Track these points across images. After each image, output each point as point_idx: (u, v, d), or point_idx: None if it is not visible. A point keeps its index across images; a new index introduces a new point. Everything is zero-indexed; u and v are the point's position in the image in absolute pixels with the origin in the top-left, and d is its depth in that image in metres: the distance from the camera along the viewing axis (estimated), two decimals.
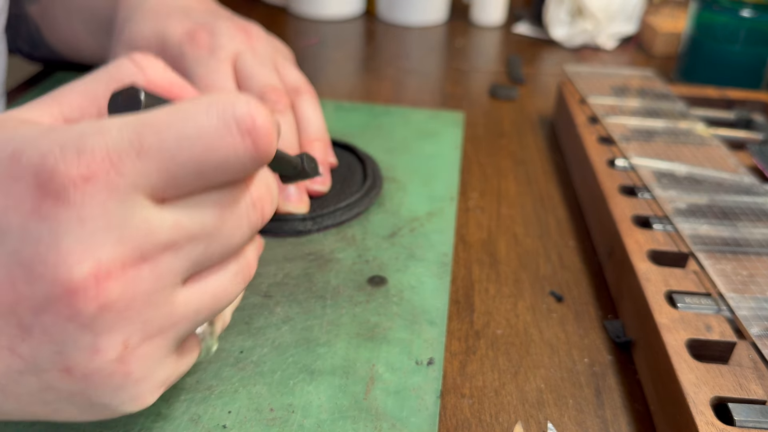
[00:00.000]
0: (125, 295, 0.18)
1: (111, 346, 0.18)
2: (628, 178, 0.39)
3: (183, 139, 0.18)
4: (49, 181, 0.17)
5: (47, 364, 0.18)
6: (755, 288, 0.30)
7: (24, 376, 0.19)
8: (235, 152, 0.18)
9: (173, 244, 0.19)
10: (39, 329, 0.18)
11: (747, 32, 0.58)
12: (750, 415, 0.24)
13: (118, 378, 0.19)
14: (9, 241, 0.17)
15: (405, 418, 0.26)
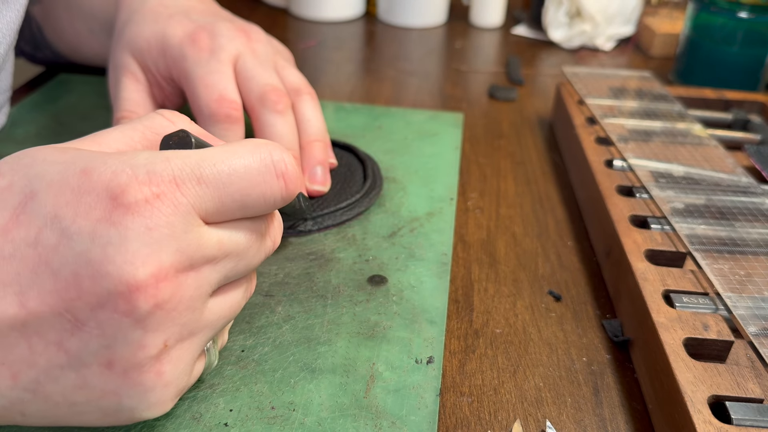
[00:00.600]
0: (174, 297, 0.20)
1: (154, 343, 0.20)
2: (626, 179, 0.39)
3: (233, 174, 0.21)
4: (121, 194, 0.19)
5: (91, 359, 0.20)
6: (752, 287, 0.30)
7: (64, 372, 0.20)
8: (271, 190, 0.22)
9: (214, 258, 0.22)
10: (93, 323, 0.19)
11: (744, 33, 0.58)
12: (747, 414, 0.24)
13: (151, 377, 0.21)
14: (78, 243, 0.19)
15: (405, 416, 0.26)
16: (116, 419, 0.22)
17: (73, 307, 0.19)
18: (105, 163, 0.20)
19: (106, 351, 0.20)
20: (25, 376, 0.20)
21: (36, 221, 0.20)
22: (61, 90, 0.52)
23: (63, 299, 0.19)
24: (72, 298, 0.19)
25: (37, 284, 0.19)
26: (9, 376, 0.20)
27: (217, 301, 0.23)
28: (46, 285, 0.19)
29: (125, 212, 0.19)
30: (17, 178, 0.20)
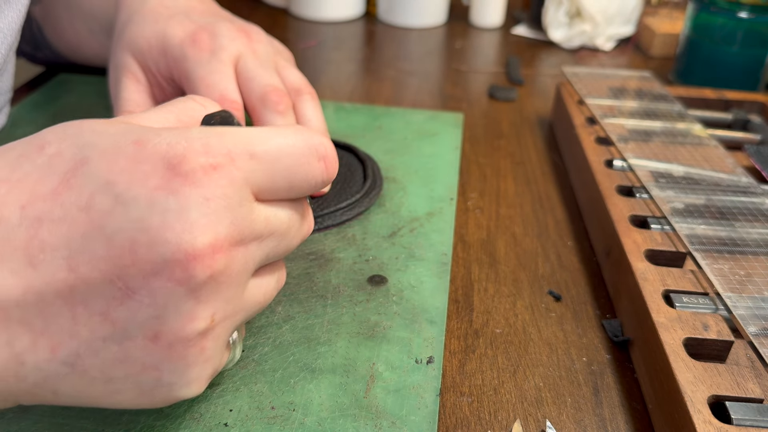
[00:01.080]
0: (226, 270, 0.20)
1: (203, 316, 0.20)
2: (626, 179, 0.39)
3: (282, 152, 0.22)
4: (179, 164, 0.19)
5: (137, 331, 0.19)
6: (752, 287, 0.30)
7: (106, 344, 0.19)
8: (313, 171, 0.23)
9: (260, 235, 0.22)
10: (145, 292, 0.19)
11: (744, 33, 0.58)
12: (747, 414, 0.24)
13: (195, 352, 0.20)
14: (134, 210, 0.19)
15: (405, 416, 0.26)
16: (151, 398, 0.21)
17: (126, 275, 0.19)
18: (159, 135, 0.20)
19: (155, 322, 0.19)
20: (65, 348, 0.19)
21: (88, 186, 0.19)
22: (61, 90, 0.52)
23: (116, 265, 0.19)
24: (126, 265, 0.19)
25: (89, 249, 0.19)
26: (48, 348, 0.19)
27: (255, 283, 0.23)
28: (99, 250, 0.19)
29: (183, 181, 0.19)
30: (65, 146, 0.20)
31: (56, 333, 0.19)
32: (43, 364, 0.19)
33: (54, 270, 0.19)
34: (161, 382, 0.21)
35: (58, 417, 0.25)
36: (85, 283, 0.19)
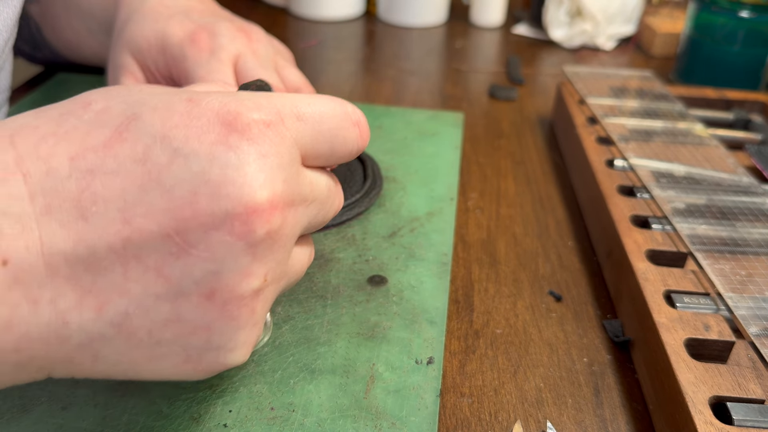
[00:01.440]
0: (281, 228, 0.20)
1: (258, 273, 0.20)
2: (627, 179, 0.39)
3: (324, 115, 0.22)
4: (234, 120, 0.19)
5: (192, 287, 0.19)
6: (753, 288, 0.30)
7: (158, 303, 0.19)
8: (351, 135, 0.23)
9: (305, 200, 0.22)
10: (204, 246, 0.18)
11: (745, 33, 0.58)
12: (748, 415, 0.24)
13: (246, 312, 0.20)
14: (194, 163, 0.19)
15: (405, 417, 0.26)
16: (195, 365, 0.20)
17: (186, 228, 0.18)
18: (209, 95, 0.20)
19: (212, 278, 0.19)
20: (113, 306, 0.18)
21: (143, 139, 0.19)
22: (60, 89, 0.52)
23: (176, 218, 0.18)
24: (186, 218, 0.18)
25: (146, 201, 0.18)
26: (94, 307, 0.18)
27: (295, 251, 0.23)
28: (157, 202, 0.18)
29: (240, 137, 0.19)
30: (114, 103, 0.20)
31: (105, 290, 0.18)
32: (88, 324, 0.18)
33: (107, 223, 0.18)
34: (210, 345, 0.20)
35: (57, 418, 0.25)
36: (140, 237, 0.18)
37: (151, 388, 0.26)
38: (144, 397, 0.26)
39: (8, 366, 0.18)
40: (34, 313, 0.17)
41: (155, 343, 0.19)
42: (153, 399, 0.26)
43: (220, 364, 0.21)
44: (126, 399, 0.26)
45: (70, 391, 0.26)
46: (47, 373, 0.19)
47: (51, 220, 0.18)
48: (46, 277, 0.17)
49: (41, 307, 0.18)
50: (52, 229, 0.18)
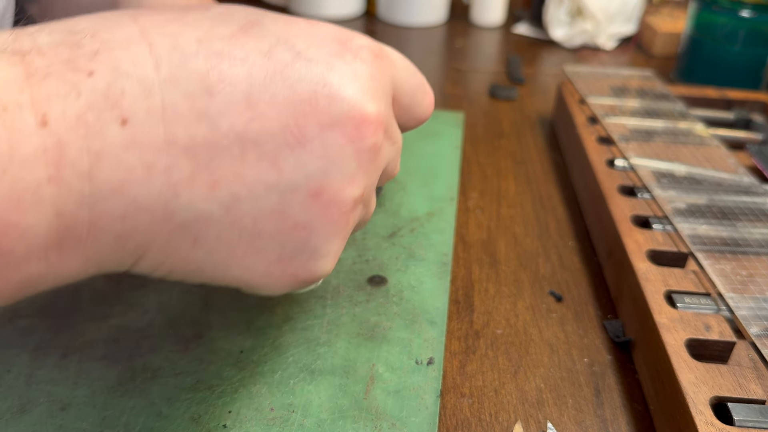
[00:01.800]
0: (381, 149, 0.21)
1: (359, 183, 0.21)
2: (628, 178, 0.39)
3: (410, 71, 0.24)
4: (348, 41, 0.21)
5: (302, 182, 0.19)
6: (754, 288, 0.30)
7: (268, 192, 0.19)
8: (425, 100, 0.25)
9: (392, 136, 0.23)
10: (318, 143, 0.19)
11: (746, 33, 0.58)
12: (749, 415, 0.24)
13: (344, 219, 0.21)
14: (315, 66, 0.20)
15: (405, 418, 0.26)
16: (284, 267, 0.21)
17: (304, 123, 0.19)
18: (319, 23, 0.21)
19: (321, 176, 0.20)
20: (225, 187, 0.18)
21: (267, 38, 0.19)
22: None
23: (295, 111, 0.19)
24: (305, 113, 0.19)
25: (270, 91, 0.19)
26: (207, 184, 0.18)
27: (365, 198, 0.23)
28: (280, 94, 0.19)
29: (354, 57, 0.20)
30: (234, 10, 0.20)
31: (220, 169, 0.18)
32: (198, 201, 0.18)
33: (232, 102, 0.18)
34: (305, 247, 0.20)
35: (56, 418, 0.25)
36: (261, 123, 0.18)
37: (151, 389, 0.26)
38: (143, 398, 0.26)
39: (109, 237, 0.17)
40: (146, 180, 0.17)
41: (256, 235, 0.20)
42: (152, 400, 0.26)
43: (307, 270, 0.21)
44: (125, 400, 0.26)
45: (69, 392, 0.26)
46: (140, 255, 0.19)
47: (175, 89, 0.17)
48: (164, 144, 0.17)
49: (155, 175, 0.17)
50: (176, 98, 0.17)
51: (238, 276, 0.21)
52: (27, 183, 0.15)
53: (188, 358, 0.28)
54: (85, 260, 0.18)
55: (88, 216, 0.17)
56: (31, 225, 0.16)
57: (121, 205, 0.17)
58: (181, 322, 0.30)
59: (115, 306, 0.31)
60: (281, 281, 0.21)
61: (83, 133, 0.16)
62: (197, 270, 0.20)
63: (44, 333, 0.29)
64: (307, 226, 0.20)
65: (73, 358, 0.28)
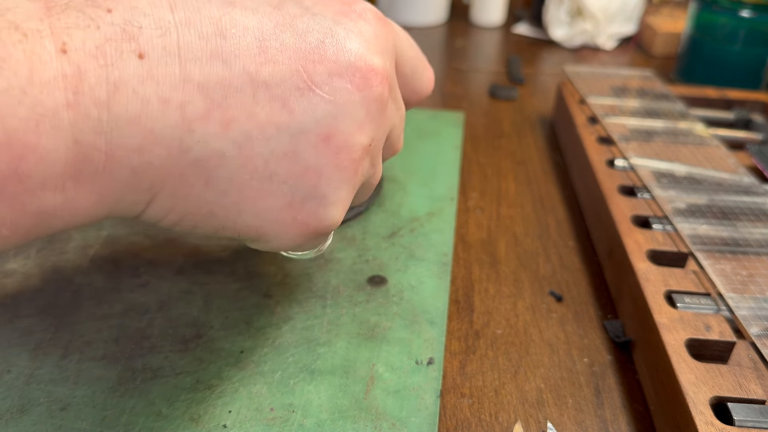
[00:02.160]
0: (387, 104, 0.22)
1: (367, 131, 0.21)
2: (628, 178, 0.39)
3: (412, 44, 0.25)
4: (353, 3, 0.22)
5: (312, 125, 0.20)
6: (754, 288, 0.30)
7: (280, 133, 0.20)
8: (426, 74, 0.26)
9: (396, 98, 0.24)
10: (327, 89, 0.20)
11: (746, 33, 0.58)
12: (749, 415, 0.24)
13: (353, 167, 0.21)
14: (322, 20, 0.21)
15: (405, 418, 0.26)
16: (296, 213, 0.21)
17: (313, 69, 0.20)
18: None
19: (330, 120, 0.20)
20: (238, 126, 0.19)
21: None
22: None
23: (304, 58, 0.20)
24: (314, 60, 0.20)
25: (280, 38, 0.19)
26: (221, 121, 0.19)
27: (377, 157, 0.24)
28: (290, 41, 0.20)
29: (358, 17, 0.21)
30: None
31: (233, 108, 0.19)
32: (212, 138, 0.19)
33: (244, 45, 0.19)
34: (315, 192, 0.21)
35: (56, 418, 0.25)
36: (272, 67, 0.19)
37: (151, 389, 0.26)
38: (143, 398, 0.26)
39: (125, 171, 0.18)
40: (162, 113, 0.18)
41: (268, 177, 0.20)
42: (152, 400, 0.26)
43: (317, 218, 0.21)
44: (125, 400, 0.26)
45: (69, 392, 0.26)
46: (153, 195, 0.19)
47: (190, 30, 0.18)
48: (179, 80, 0.18)
49: (170, 109, 0.18)
50: (191, 38, 0.18)
51: (249, 222, 0.21)
52: (46, 106, 0.16)
53: (188, 358, 0.28)
54: (100, 196, 0.18)
55: (105, 145, 0.17)
56: (49, 150, 0.16)
57: (137, 137, 0.17)
58: (181, 322, 0.30)
59: (115, 306, 0.31)
60: (291, 230, 0.22)
61: (102, 62, 0.16)
62: (209, 214, 0.20)
63: (44, 333, 0.29)
64: (317, 171, 0.21)
65: (73, 358, 0.28)
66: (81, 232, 0.36)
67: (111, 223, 0.36)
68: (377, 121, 0.22)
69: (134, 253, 0.34)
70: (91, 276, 0.32)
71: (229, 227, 0.21)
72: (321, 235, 0.23)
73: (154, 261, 0.34)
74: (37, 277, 0.32)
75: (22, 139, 0.15)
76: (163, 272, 0.33)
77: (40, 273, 0.32)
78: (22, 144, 0.15)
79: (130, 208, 0.19)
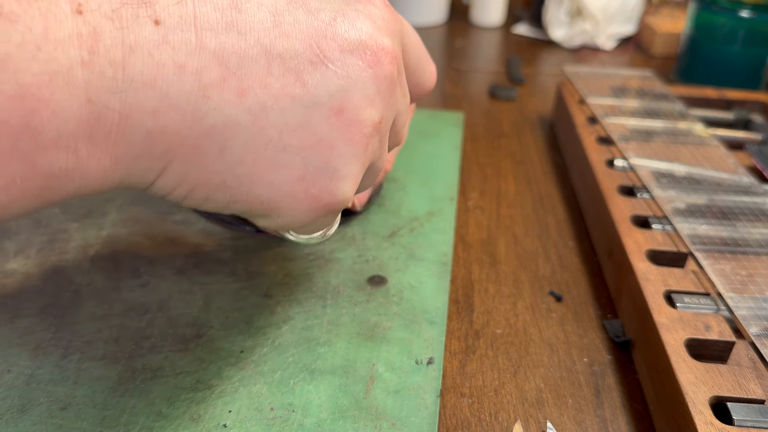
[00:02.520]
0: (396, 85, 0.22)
1: (378, 108, 0.22)
2: (627, 178, 0.39)
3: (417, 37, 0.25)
4: None
5: (325, 99, 0.20)
6: (754, 288, 0.30)
7: (294, 105, 0.20)
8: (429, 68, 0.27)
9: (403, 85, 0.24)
10: (339, 64, 0.21)
11: (746, 33, 0.58)
12: (749, 415, 0.24)
13: (363, 143, 0.22)
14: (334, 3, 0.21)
15: (405, 418, 0.26)
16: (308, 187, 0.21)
17: (325, 45, 0.20)
18: None
19: (343, 95, 0.21)
20: (253, 95, 0.19)
21: None
22: None
23: (317, 33, 0.20)
24: (326, 36, 0.20)
25: (294, 14, 0.20)
26: (236, 91, 0.19)
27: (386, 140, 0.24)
28: (303, 18, 0.20)
29: (367, 2, 0.22)
30: None
31: (248, 77, 0.19)
32: (226, 106, 0.19)
33: (259, 19, 0.19)
34: (328, 165, 0.21)
35: (56, 418, 0.25)
36: (286, 41, 0.20)
37: (151, 389, 0.26)
38: (143, 398, 0.26)
39: (139, 134, 0.18)
40: (177, 78, 0.18)
41: (282, 148, 0.20)
42: (152, 399, 0.26)
43: (329, 192, 0.22)
44: (125, 399, 0.26)
45: (69, 392, 0.26)
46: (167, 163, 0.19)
47: (206, 2, 0.18)
48: (195, 47, 0.18)
49: (186, 75, 0.18)
50: (207, 9, 0.18)
51: (262, 194, 0.21)
52: (60, 63, 0.16)
53: (188, 358, 0.28)
54: (113, 160, 0.18)
55: (119, 105, 0.17)
56: (63, 106, 0.16)
57: (152, 99, 0.17)
58: (181, 322, 0.30)
59: (115, 306, 0.31)
60: (304, 204, 0.22)
61: (117, 25, 0.17)
62: (221, 185, 0.20)
63: (44, 333, 0.29)
64: (330, 144, 0.21)
65: (73, 357, 0.28)
66: (81, 232, 0.36)
67: (111, 222, 0.36)
68: (387, 99, 0.22)
69: (134, 253, 0.34)
70: (92, 276, 0.32)
71: (241, 199, 0.21)
72: (331, 212, 0.23)
73: (154, 261, 0.34)
74: (37, 276, 0.32)
75: (36, 93, 0.15)
76: (164, 272, 0.33)
77: (41, 273, 0.32)
78: (35, 98, 0.15)
79: (143, 175, 0.19)
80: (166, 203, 0.38)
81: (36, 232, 0.35)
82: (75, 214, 0.37)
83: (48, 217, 0.37)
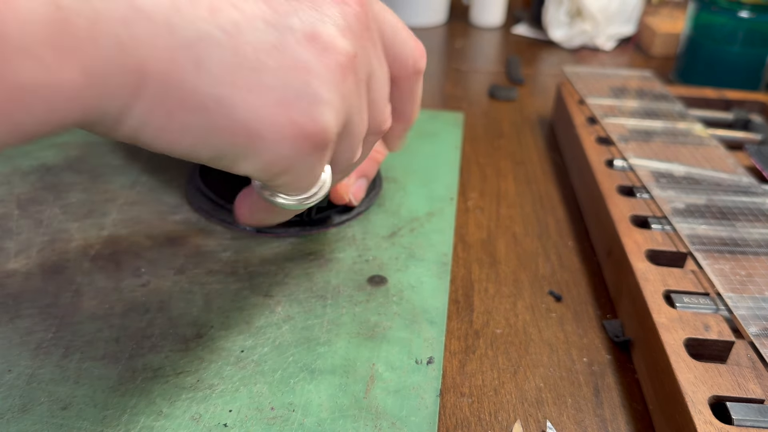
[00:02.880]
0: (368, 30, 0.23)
1: (350, 42, 0.22)
2: (627, 179, 0.39)
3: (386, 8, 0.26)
4: None
5: (298, 24, 0.21)
6: (753, 288, 0.30)
7: (267, 27, 0.20)
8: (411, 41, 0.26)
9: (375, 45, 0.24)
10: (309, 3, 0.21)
11: (745, 33, 0.58)
12: (748, 414, 0.24)
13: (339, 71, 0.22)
14: None
15: (405, 417, 0.26)
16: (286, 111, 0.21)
17: None
18: None
19: (315, 22, 0.21)
20: (225, 14, 0.19)
21: None
22: None
23: None
24: None
25: None
26: (207, 7, 0.19)
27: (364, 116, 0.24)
28: None
29: None
30: None
31: None
32: (199, 21, 0.19)
33: None
34: (307, 89, 0.21)
35: (57, 417, 0.25)
36: None
37: (152, 388, 0.26)
38: (144, 397, 0.26)
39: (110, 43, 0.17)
40: None
41: (258, 68, 0.20)
42: (153, 399, 0.26)
43: (311, 117, 0.21)
44: (126, 399, 0.26)
45: (70, 391, 0.26)
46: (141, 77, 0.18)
47: None
48: None
49: None
50: None
51: (243, 119, 0.21)
52: None
53: (189, 358, 0.28)
54: (83, 73, 0.17)
55: (89, 11, 0.17)
56: (29, 9, 0.16)
57: (123, 7, 0.17)
58: (181, 322, 0.30)
59: (115, 306, 0.31)
60: (286, 130, 0.21)
61: None
62: (200, 108, 0.20)
63: (45, 332, 0.29)
64: (306, 66, 0.21)
65: (74, 357, 0.28)
66: (82, 232, 0.36)
67: (112, 222, 0.37)
68: (359, 37, 0.22)
69: (135, 252, 0.34)
70: (92, 276, 0.32)
71: (221, 126, 0.20)
72: (315, 146, 0.22)
73: (154, 261, 0.34)
74: (38, 276, 0.32)
75: None
76: (164, 272, 0.33)
77: (41, 273, 0.33)
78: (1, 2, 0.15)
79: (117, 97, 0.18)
80: (167, 203, 0.38)
81: (37, 232, 0.36)
82: (76, 214, 0.37)
83: (49, 217, 0.37)
